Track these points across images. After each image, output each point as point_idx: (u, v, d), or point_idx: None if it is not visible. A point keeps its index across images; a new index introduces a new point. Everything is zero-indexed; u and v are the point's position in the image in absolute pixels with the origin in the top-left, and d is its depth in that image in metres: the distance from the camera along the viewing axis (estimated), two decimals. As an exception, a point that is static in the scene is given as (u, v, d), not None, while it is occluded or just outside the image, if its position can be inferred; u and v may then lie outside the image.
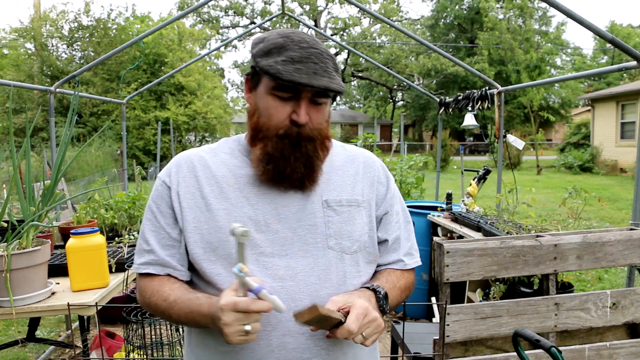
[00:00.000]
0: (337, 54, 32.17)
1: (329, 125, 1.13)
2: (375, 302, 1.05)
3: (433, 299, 3.97)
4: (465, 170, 5.29)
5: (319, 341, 1.04)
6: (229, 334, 0.90)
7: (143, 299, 1.12)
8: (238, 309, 0.89)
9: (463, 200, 4.07)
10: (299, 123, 1.03)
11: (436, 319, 3.56)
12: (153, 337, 2.34)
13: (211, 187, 1.09)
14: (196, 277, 1.11)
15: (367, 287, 1.08)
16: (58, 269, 2.24)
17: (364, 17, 30.37)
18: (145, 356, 2.26)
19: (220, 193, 1.08)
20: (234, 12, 30.21)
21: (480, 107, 4.61)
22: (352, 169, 1.18)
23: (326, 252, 1.07)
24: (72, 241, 2.04)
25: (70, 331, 3.70)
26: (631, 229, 1.96)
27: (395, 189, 1.24)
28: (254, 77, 1.09)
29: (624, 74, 24.50)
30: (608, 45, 19.42)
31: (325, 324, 0.94)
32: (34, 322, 2.69)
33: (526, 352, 1.46)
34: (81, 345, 2.42)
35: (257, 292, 0.90)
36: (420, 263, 1.25)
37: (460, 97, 4.94)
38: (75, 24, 18.91)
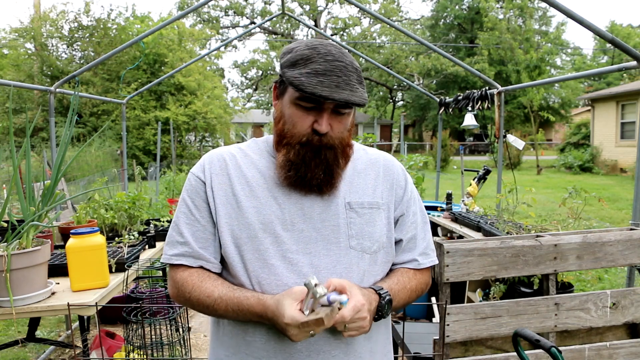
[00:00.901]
0: (337, 54, 32.09)
1: (351, 133, 1.19)
2: (375, 307, 1.09)
3: (433, 299, 3.96)
4: (465, 170, 5.30)
5: (340, 335, 1.09)
6: (295, 340, 1.00)
7: (181, 293, 1.15)
8: (303, 326, 0.97)
9: (463, 200, 4.07)
10: (320, 132, 1.09)
11: (436, 319, 3.56)
12: (153, 337, 2.34)
13: (242, 185, 1.15)
14: (224, 270, 1.17)
15: (375, 290, 1.11)
16: (58, 269, 2.24)
17: (364, 17, 30.37)
18: (145, 356, 2.26)
19: (250, 192, 1.15)
20: (234, 12, 30.20)
21: (480, 107, 4.61)
22: (373, 172, 1.23)
23: (348, 251, 1.13)
24: (72, 241, 2.04)
25: (70, 331, 3.70)
26: (631, 229, 1.96)
27: (413, 190, 1.28)
28: (281, 85, 1.14)
29: (624, 74, 24.48)
30: (608, 45, 19.41)
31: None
32: (34, 322, 2.68)
33: (526, 352, 1.46)
34: (81, 345, 2.42)
35: (329, 302, 0.98)
36: (436, 262, 1.30)
37: (460, 97, 4.94)
38: (75, 24, 18.88)
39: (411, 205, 1.25)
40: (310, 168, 1.10)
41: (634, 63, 2.60)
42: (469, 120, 5.01)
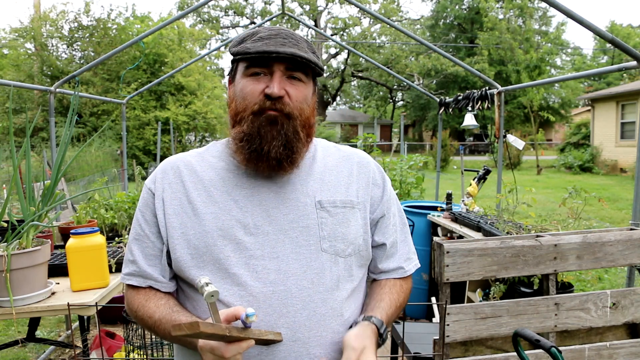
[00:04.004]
0: (337, 54, 32.16)
1: (313, 113, 1.10)
2: (376, 340, 1.04)
3: (433, 299, 3.97)
4: (465, 170, 5.29)
5: (312, 348, 1.02)
6: None
7: (130, 311, 1.11)
8: (215, 353, 0.89)
9: (463, 200, 4.07)
10: (272, 96, 1.00)
11: (436, 319, 3.55)
12: (153, 337, 2.34)
13: (198, 191, 1.06)
14: (185, 285, 1.08)
15: (377, 328, 1.04)
16: (58, 269, 2.23)
17: (364, 17, 30.36)
18: (145, 356, 2.26)
19: (207, 197, 1.06)
20: (234, 12, 30.20)
21: (480, 107, 4.61)
22: (346, 169, 1.15)
23: (320, 254, 1.04)
24: (72, 241, 2.03)
25: (70, 331, 3.70)
26: (631, 229, 1.96)
27: (391, 190, 1.21)
28: (232, 71, 1.11)
29: (624, 74, 24.48)
30: (608, 45, 19.42)
31: (213, 337, 0.90)
32: (34, 322, 2.68)
33: (526, 352, 1.46)
34: (81, 345, 2.42)
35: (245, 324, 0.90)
36: (419, 265, 1.24)
37: (460, 97, 4.94)
38: (75, 24, 18.87)
39: (391, 206, 1.18)
40: (267, 140, 1.01)
41: (634, 63, 2.60)
42: (469, 120, 5.01)
